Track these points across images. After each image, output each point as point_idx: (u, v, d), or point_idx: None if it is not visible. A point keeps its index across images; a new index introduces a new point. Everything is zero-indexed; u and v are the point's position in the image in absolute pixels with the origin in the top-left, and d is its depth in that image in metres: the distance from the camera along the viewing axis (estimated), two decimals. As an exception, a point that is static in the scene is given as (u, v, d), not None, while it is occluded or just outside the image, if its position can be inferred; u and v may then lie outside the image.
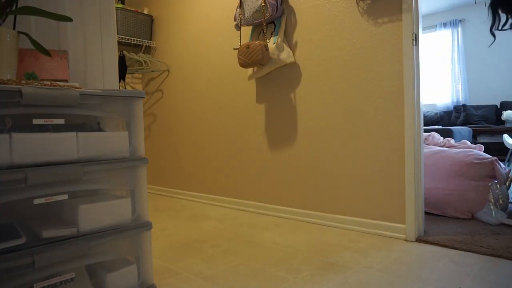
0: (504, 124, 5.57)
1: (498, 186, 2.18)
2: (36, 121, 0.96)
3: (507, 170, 2.30)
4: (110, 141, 1.09)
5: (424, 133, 2.41)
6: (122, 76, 2.98)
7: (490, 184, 2.17)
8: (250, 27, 2.46)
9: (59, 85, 0.99)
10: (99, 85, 1.44)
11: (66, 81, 1.20)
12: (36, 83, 0.95)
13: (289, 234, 1.98)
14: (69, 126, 1.08)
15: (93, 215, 1.04)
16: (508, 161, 4.36)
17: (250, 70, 2.43)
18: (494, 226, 2.00)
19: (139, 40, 3.15)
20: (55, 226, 0.98)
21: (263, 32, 2.29)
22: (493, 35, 1.17)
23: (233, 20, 2.57)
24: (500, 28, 1.12)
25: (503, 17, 1.11)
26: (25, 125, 0.98)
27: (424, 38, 6.55)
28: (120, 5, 3.03)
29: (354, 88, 2.02)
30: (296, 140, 2.30)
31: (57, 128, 1.03)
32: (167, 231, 2.07)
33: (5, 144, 0.89)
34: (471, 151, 2.31)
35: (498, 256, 1.54)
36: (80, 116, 1.17)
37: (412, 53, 1.80)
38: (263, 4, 2.21)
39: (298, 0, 2.25)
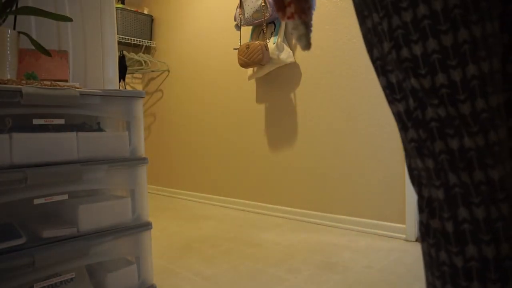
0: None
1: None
2: (36, 121, 0.96)
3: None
4: (110, 141, 1.09)
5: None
6: (122, 76, 2.98)
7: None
8: (250, 27, 2.46)
9: (59, 85, 0.99)
10: (99, 85, 1.44)
11: (66, 81, 1.20)
12: (36, 83, 0.95)
13: (289, 234, 1.98)
14: (69, 126, 1.08)
15: (93, 215, 1.04)
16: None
17: (250, 70, 2.43)
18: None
19: (139, 40, 3.15)
20: (55, 226, 0.98)
21: (263, 32, 2.29)
22: None
23: (233, 20, 2.57)
24: None
25: None
26: (25, 125, 0.98)
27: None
28: (120, 5, 3.03)
29: (354, 88, 2.02)
30: (296, 140, 2.30)
31: (57, 128, 1.03)
32: (167, 231, 2.07)
33: (5, 144, 0.89)
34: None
35: (498, 256, 1.54)
36: (80, 116, 1.17)
37: (412, 53, 1.80)
38: (263, 4, 2.21)
39: (298, 0, 2.25)
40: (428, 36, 0.44)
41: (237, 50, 2.43)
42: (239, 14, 2.36)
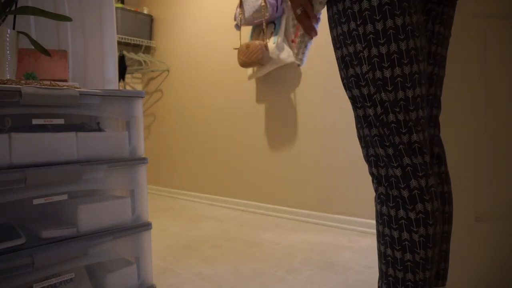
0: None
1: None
2: (35, 121, 0.96)
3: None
4: (110, 141, 1.09)
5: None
6: (121, 76, 2.97)
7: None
8: (250, 27, 2.46)
9: (58, 85, 0.99)
10: (99, 85, 1.43)
11: (66, 81, 1.20)
12: (36, 83, 0.95)
13: (289, 234, 1.98)
14: (68, 126, 1.08)
15: (92, 215, 1.04)
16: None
17: (250, 70, 2.42)
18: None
19: (139, 40, 3.14)
20: (54, 226, 0.98)
21: (263, 32, 2.28)
22: None
23: (233, 20, 2.56)
24: None
25: None
26: (24, 125, 0.98)
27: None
28: (120, 5, 3.03)
29: (354, 88, 2.02)
30: (296, 140, 2.30)
31: (56, 128, 1.03)
32: (167, 231, 2.07)
33: (5, 144, 0.88)
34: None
35: (499, 256, 1.54)
36: (80, 116, 1.17)
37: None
38: (263, 3, 2.21)
39: (298, 0, 2.24)
40: (395, 65, 0.66)
41: (237, 50, 2.43)
42: (239, 13, 2.36)
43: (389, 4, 0.64)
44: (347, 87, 0.74)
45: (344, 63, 0.72)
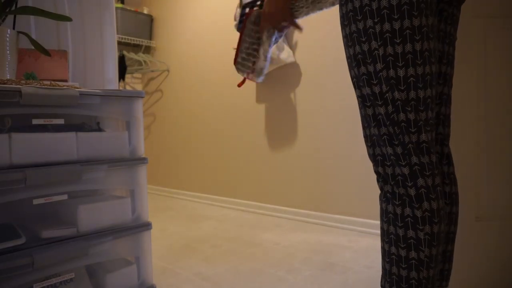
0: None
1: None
2: (35, 121, 0.96)
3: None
4: (110, 141, 1.09)
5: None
6: (121, 76, 2.97)
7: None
8: (250, 27, 2.46)
9: (58, 85, 0.99)
10: (99, 85, 1.43)
11: (66, 81, 1.20)
12: (36, 83, 0.95)
13: (289, 234, 1.98)
14: (68, 126, 1.08)
15: (92, 215, 1.04)
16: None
17: (250, 70, 2.42)
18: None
19: (139, 40, 3.14)
20: (54, 226, 0.98)
21: (263, 32, 2.28)
22: None
23: (233, 20, 2.56)
24: None
25: None
26: (24, 125, 0.98)
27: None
28: (120, 5, 3.03)
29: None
30: (296, 140, 2.30)
31: (56, 128, 1.03)
32: (167, 231, 2.07)
33: (5, 144, 0.88)
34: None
35: (499, 256, 1.54)
36: (80, 116, 1.17)
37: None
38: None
39: (298, 0, 2.24)
40: (409, 65, 0.66)
41: (237, 50, 2.43)
42: (239, 13, 2.36)
43: (408, 4, 0.64)
44: (357, 85, 0.74)
45: (356, 61, 0.71)
